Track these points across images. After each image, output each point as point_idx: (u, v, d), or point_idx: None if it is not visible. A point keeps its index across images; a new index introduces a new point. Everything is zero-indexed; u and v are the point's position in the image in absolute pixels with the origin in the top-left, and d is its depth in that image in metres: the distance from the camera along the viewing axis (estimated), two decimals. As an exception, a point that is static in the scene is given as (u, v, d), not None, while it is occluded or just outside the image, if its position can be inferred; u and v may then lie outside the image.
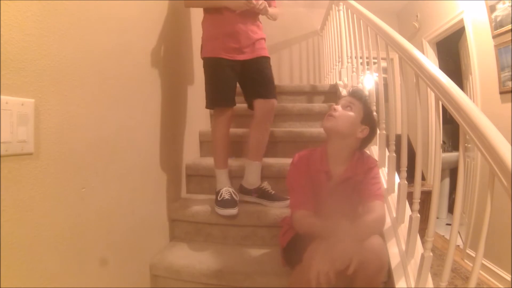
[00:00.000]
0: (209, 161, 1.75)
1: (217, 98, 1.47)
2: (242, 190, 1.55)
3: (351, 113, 1.10)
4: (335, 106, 1.13)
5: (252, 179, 1.52)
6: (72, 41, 0.81)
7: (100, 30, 0.93)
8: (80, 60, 0.84)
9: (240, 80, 1.52)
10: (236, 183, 1.66)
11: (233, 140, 1.93)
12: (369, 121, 1.14)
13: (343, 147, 1.12)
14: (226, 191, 1.44)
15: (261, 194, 1.50)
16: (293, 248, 1.11)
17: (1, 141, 0.61)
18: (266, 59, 1.53)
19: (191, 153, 1.82)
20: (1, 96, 0.61)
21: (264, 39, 1.56)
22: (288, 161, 1.67)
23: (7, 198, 0.63)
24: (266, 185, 1.53)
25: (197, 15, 1.96)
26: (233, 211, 1.36)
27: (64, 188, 0.79)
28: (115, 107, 1.02)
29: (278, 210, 1.41)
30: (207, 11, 1.50)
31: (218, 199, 1.41)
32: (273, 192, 1.51)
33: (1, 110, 0.61)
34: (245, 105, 1.60)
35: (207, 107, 1.51)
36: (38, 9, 0.70)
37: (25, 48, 0.66)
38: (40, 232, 0.71)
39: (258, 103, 1.49)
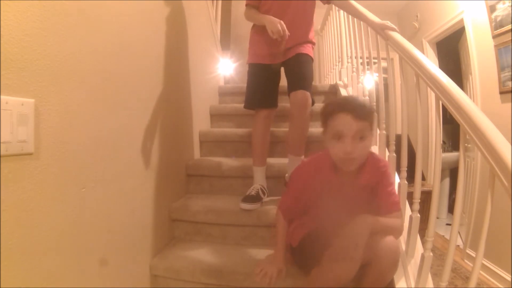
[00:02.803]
0: (209, 161, 1.76)
1: (253, 99, 1.56)
2: (285, 183, 1.60)
3: (367, 142, 0.97)
4: (348, 145, 0.94)
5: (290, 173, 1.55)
6: (72, 41, 0.81)
7: (100, 30, 0.93)
8: (80, 60, 0.84)
9: (285, 74, 1.59)
10: (238, 183, 1.65)
11: (233, 140, 1.93)
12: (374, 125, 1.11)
13: None
14: (255, 188, 1.50)
15: None
16: (306, 249, 1.08)
17: (1, 141, 0.61)
18: (303, 55, 1.52)
19: (191, 153, 1.82)
20: (1, 96, 0.61)
21: (310, 42, 1.56)
22: (287, 161, 1.67)
23: (7, 198, 0.63)
24: None
25: (196, 15, 1.96)
26: (247, 205, 1.40)
27: (64, 188, 0.79)
28: (115, 107, 1.02)
29: (278, 210, 1.40)
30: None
31: (246, 194, 1.48)
32: None
33: (1, 110, 0.61)
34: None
35: (244, 107, 1.61)
36: (38, 9, 0.70)
37: (25, 48, 0.66)
38: (40, 232, 0.71)
39: (290, 97, 1.51)
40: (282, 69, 1.59)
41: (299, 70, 1.52)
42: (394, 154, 1.33)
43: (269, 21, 1.44)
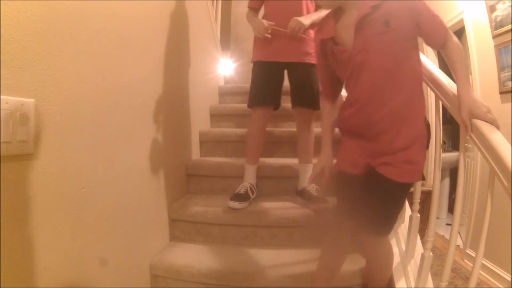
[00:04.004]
0: (209, 161, 1.76)
1: (252, 98, 1.56)
2: (296, 191, 1.59)
3: None
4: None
5: (302, 180, 1.56)
6: (72, 41, 0.81)
7: (101, 30, 0.93)
8: (80, 60, 0.84)
9: (289, 81, 1.59)
10: (238, 183, 1.65)
11: (233, 140, 1.93)
12: None
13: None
14: (244, 186, 1.51)
15: (304, 195, 1.51)
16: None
17: (1, 141, 0.61)
18: (309, 66, 1.51)
19: (191, 153, 1.82)
20: (1, 96, 0.61)
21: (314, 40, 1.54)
22: (287, 161, 1.67)
23: (7, 198, 0.63)
24: (311, 187, 1.51)
25: (196, 15, 1.97)
26: (236, 204, 1.40)
27: (64, 188, 0.79)
28: (115, 107, 1.02)
29: (278, 210, 1.41)
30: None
31: (235, 192, 1.48)
32: (316, 194, 1.47)
33: (1, 110, 0.61)
34: (246, 105, 1.61)
35: (247, 106, 1.59)
36: (38, 9, 0.70)
37: (25, 48, 0.66)
38: (40, 232, 0.71)
39: (295, 110, 1.57)
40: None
41: (304, 85, 1.51)
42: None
43: (252, 22, 1.49)
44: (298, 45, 1.49)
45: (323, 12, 1.50)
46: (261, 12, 1.62)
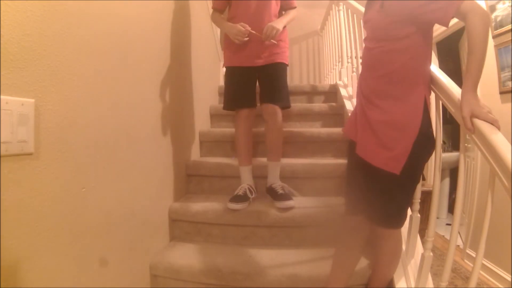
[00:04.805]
0: (209, 161, 1.76)
1: (229, 101, 1.57)
2: (266, 190, 1.59)
3: None
4: None
5: (270, 177, 1.56)
6: (72, 41, 0.81)
7: (101, 30, 0.93)
8: (80, 60, 0.84)
9: (258, 80, 1.59)
10: (238, 183, 1.66)
11: (233, 140, 1.93)
12: None
13: None
14: (242, 188, 1.51)
15: (270, 193, 1.52)
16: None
17: (1, 141, 0.61)
18: (279, 65, 1.53)
19: (191, 153, 1.82)
20: (1, 96, 0.61)
21: (282, 40, 1.54)
22: (287, 161, 1.67)
23: (7, 198, 0.63)
24: (277, 185, 1.51)
25: (196, 15, 1.96)
26: (235, 205, 1.40)
27: (64, 188, 0.79)
28: (115, 107, 1.02)
29: (278, 210, 1.40)
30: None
31: (234, 194, 1.48)
32: (282, 192, 1.47)
33: (1, 110, 0.61)
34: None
35: (223, 108, 1.62)
36: (38, 9, 0.70)
37: (25, 48, 0.66)
38: (40, 232, 0.71)
39: (262, 107, 1.56)
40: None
41: (271, 83, 1.53)
42: (394, 154, 1.33)
43: (228, 27, 1.48)
44: (269, 48, 1.50)
45: (292, 14, 1.55)
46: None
